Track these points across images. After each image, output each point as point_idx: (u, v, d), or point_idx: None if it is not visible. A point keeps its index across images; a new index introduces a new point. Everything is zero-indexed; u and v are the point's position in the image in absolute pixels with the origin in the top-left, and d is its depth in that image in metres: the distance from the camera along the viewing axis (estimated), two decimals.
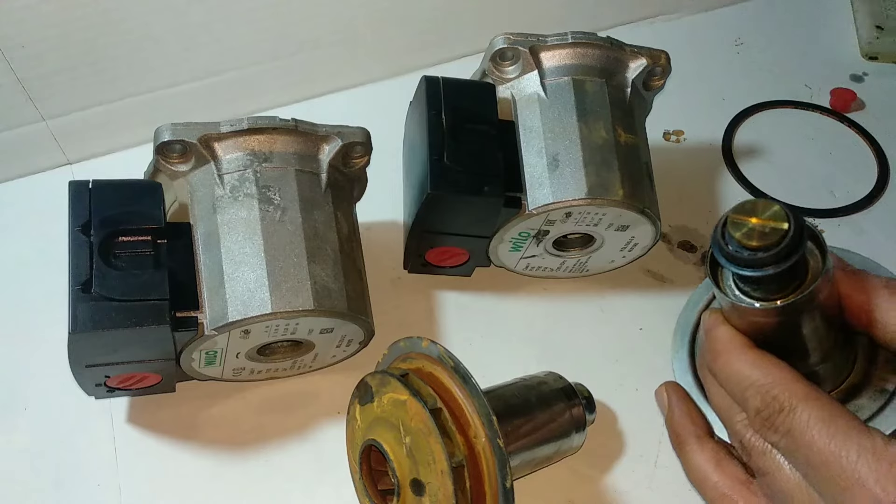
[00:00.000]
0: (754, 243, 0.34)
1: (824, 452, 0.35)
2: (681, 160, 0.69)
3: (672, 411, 0.44)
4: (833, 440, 0.35)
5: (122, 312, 0.46)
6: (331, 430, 0.55)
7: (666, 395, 0.45)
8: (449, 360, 0.46)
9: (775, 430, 0.36)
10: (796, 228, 0.35)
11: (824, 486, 0.35)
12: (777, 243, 0.34)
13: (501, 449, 0.44)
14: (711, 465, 0.41)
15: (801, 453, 0.36)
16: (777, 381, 0.37)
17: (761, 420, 0.37)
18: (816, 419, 0.35)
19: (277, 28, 0.67)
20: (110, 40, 0.62)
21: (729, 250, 0.35)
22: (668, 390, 0.45)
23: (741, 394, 0.38)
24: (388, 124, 0.60)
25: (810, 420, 0.35)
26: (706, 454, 0.42)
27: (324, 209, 0.52)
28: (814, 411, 0.35)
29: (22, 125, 0.64)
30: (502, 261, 0.59)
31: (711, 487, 0.41)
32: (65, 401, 0.55)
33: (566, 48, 0.56)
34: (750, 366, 0.38)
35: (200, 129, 0.51)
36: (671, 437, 0.44)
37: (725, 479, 0.41)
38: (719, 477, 0.41)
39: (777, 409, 0.36)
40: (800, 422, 0.35)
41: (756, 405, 0.37)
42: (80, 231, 0.48)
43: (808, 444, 0.35)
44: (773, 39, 0.77)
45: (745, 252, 0.35)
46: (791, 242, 0.34)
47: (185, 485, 0.53)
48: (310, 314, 0.49)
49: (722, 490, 0.41)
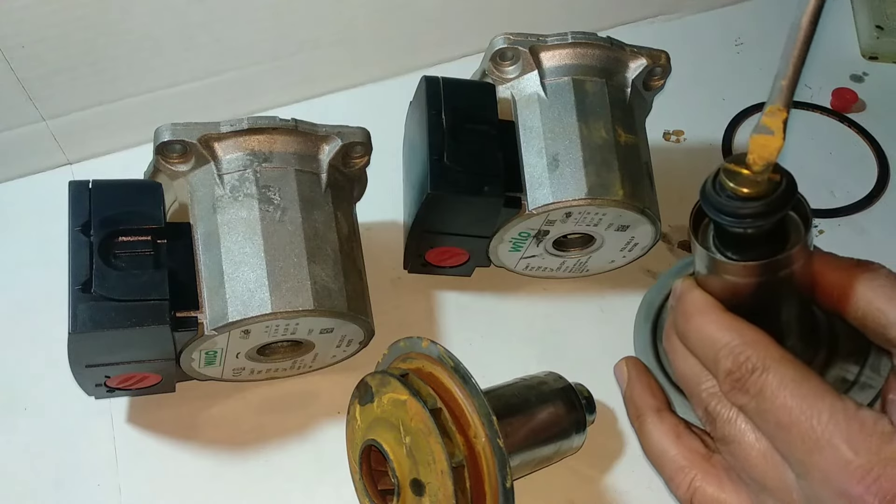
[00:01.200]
0: (745, 190, 0.34)
1: (795, 412, 0.34)
2: (681, 160, 0.69)
3: (632, 384, 0.43)
4: (805, 401, 0.34)
5: (122, 312, 0.46)
6: (331, 430, 0.55)
7: (626, 369, 0.44)
8: (449, 360, 0.46)
9: (746, 392, 0.35)
10: (788, 183, 0.34)
11: (792, 447, 0.34)
12: (768, 193, 0.34)
13: (501, 449, 0.44)
14: (671, 437, 0.41)
15: (770, 414, 0.35)
16: (751, 342, 0.36)
17: (732, 381, 0.36)
18: (790, 379, 0.35)
19: (277, 28, 0.67)
20: (110, 40, 0.62)
21: (718, 199, 0.34)
22: (628, 364, 0.44)
23: (713, 356, 0.37)
24: (388, 124, 0.60)
25: (783, 380, 0.35)
26: (665, 427, 0.41)
27: (324, 209, 0.52)
28: (787, 371, 0.35)
29: (22, 125, 0.64)
30: (502, 261, 0.59)
31: (670, 460, 0.40)
32: (65, 401, 0.55)
33: (566, 48, 0.56)
34: (724, 328, 0.37)
35: (200, 129, 0.51)
36: (629, 411, 0.43)
37: (685, 451, 0.40)
38: (678, 450, 0.40)
39: (749, 369, 0.35)
40: (772, 382, 0.35)
41: (727, 366, 0.36)
42: (80, 231, 0.48)
43: (780, 405, 0.34)
44: (773, 39, 0.77)
45: (735, 201, 0.34)
46: (783, 195, 0.34)
47: (185, 485, 0.53)
48: (310, 314, 0.49)
49: (680, 463, 0.40)
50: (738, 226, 0.35)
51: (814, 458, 0.33)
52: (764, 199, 0.34)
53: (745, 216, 0.34)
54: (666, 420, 0.41)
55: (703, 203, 0.36)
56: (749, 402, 0.36)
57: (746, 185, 0.34)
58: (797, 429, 0.34)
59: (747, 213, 0.34)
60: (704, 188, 0.36)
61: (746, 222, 0.34)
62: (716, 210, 0.35)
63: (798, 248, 0.36)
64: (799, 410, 0.34)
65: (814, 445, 0.33)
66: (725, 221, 0.35)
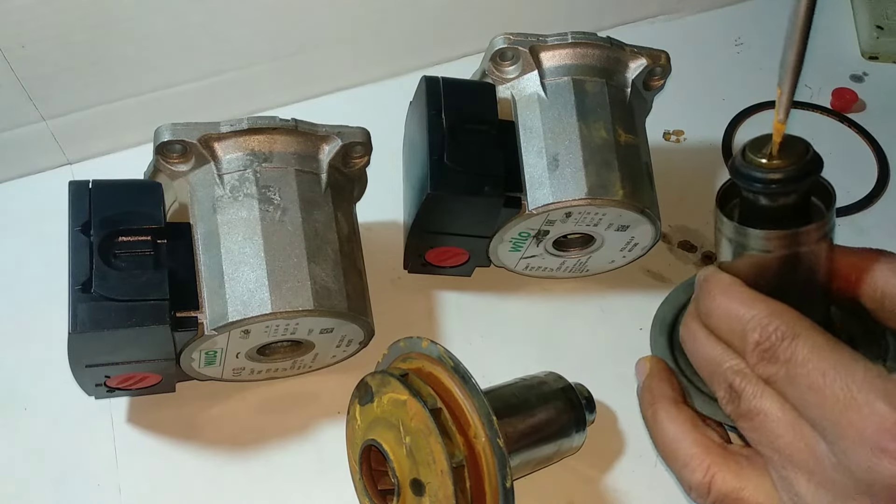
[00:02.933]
0: (775, 162, 0.35)
1: (829, 373, 0.33)
2: (681, 160, 0.69)
3: (652, 375, 0.43)
4: (838, 363, 0.33)
5: (122, 312, 0.46)
6: (331, 430, 0.55)
7: (648, 364, 0.43)
8: (449, 360, 0.46)
9: (776, 360, 0.35)
10: (814, 153, 0.35)
11: (825, 410, 0.33)
12: (798, 159, 0.35)
13: (501, 449, 0.44)
14: (687, 426, 0.40)
15: (802, 378, 0.34)
16: (778, 312, 0.36)
17: (760, 352, 0.35)
18: (821, 345, 0.34)
19: (277, 28, 0.67)
20: (110, 40, 0.62)
21: (749, 169, 0.35)
22: (652, 360, 0.44)
23: (740, 330, 0.36)
24: (388, 124, 0.60)
25: (815, 345, 0.34)
26: (681, 416, 0.40)
27: (324, 209, 0.52)
28: (819, 338, 0.34)
29: (22, 125, 0.64)
30: (502, 261, 0.59)
31: (685, 448, 0.39)
32: (65, 401, 0.55)
33: (566, 48, 0.56)
34: (750, 302, 0.37)
35: (200, 129, 0.51)
36: (643, 401, 0.42)
37: (701, 439, 0.39)
38: (695, 437, 0.39)
39: (780, 337, 0.35)
40: (804, 347, 0.34)
41: (756, 338, 0.35)
42: (80, 231, 0.48)
43: (813, 368, 0.34)
44: (773, 39, 0.77)
45: (764, 171, 0.35)
46: (812, 160, 0.35)
47: (185, 485, 0.53)
48: (310, 314, 0.49)
49: (696, 450, 0.39)
50: (770, 191, 0.35)
51: (849, 416, 0.33)
52: (794, 164, 0.35)
53: (778, 181, 0.35)
54: (683, 410, 0.41)
55: (735, 174, 0.36)
56: (779, 371, 0.35)
57: (776, 156, 0.35)
58: (831, 389, 0.33)
59: (780, 177, 0.35)
60: (734, 163, 0.36)
61: (779, 187, 0.35)
62: (748, 179, 0.35)
63: (821, 222, 0.36)
64: (834, 372, 0.33)
65: (849, 403, 0.33)
66: (757, 188, 0.35)
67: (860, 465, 0.32)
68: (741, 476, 0.38)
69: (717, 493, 0.38)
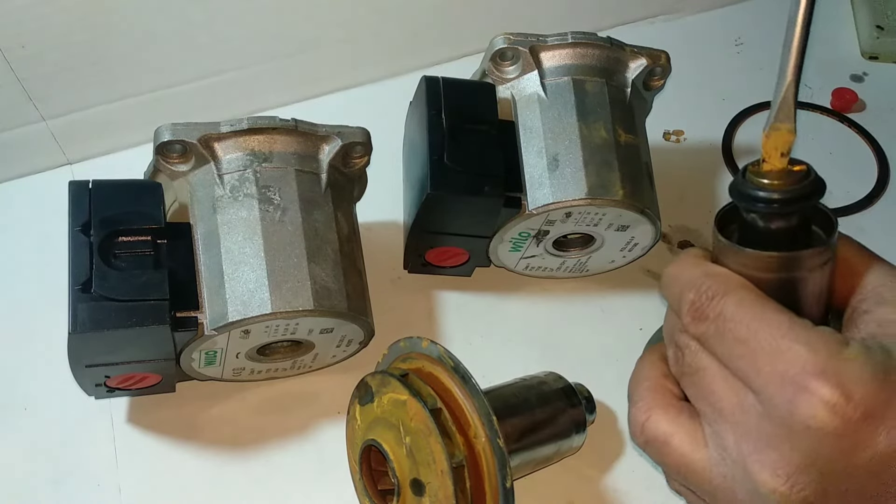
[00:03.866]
0: (776, 182, 0.35)
1: (753, 325, 0.34)
2: (681, 160, 0.69)
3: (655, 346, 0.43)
4: (764, 316, 0.34)
5: (122, 312, 0.46)
6: (331, 430, 0.55)
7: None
8: (449, 361, 0.46)
9: (705, 318, 0.35)
10: (815, 175, 0.35)
11: (751, 360, 0.34)
12: (801, 180, 0.34)
13: (501, 449, 0.44)
14: (655, 372, 0.40)
15: (729, 333, 0.34)
16: (713, 273, 0.36)
17: (693, 311, 0.36)
18: (749, 301, 0.35)
19: (278, 28, 0.67)
20: (110, 40, 0.62)
21: (751, 190, 0.35)
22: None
23: (679, 292, 0.37)
24: (388, 124, 0.60)
25: (742, 301, 0.35)
26: (657, 363, 0.41)
27: (324, 209, 0.52)
28: (747, 295, 0.35)
29: (22, 125, 0.64)
30: (502, 261, 0.59)
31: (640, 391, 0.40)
32: (65, 401, 0.55)
33: (566, 48, 0.56)
34: (691, 266, 0.37)
35: (200, 129, 0.51)
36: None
37: (659, 385, 0.40)
38: (654, 383, 0.40)
39: (710, 296, 0.35)
40: (730, 303, 0.35)
41: (690, 298, 0.36)
42: (80, 231, 0.48)
43: (739, 321, 0.34)
44: (773, 39, 0.76)
45: (766, 191, 0.35)
46: (814, 181, 0.35)
47: (185, 485, 0.53)
48: (310, 314, 0.49)
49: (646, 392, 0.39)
50: (772, 210, 0.35)
51: (772, 362, 0.33)
52: (797, 184, 0.35)
53: (780, 201, 0.35)
54: (661, 362, 0.41)
55: (735, 195, 0.36)
56: (709, 328, 0.35)
57: (776, 178, 0.35)
58: (756, 339, 0.34)
59: (782, 197, 0.35)
60: (735, 183, 0.36)
61: (781, 207, 0.35)
62: (749, 199, 0.35)
63: (820, 249, 0.36)
64: (758, 323, 0.34)
65: (773, 351, 0.33)
66: (759, 208, 0.35)
67: (782, 408, 0.33)
68: (675, 423, 0.38)
69: (648, 434, 0.39)
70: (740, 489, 0.35)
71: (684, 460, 0.37)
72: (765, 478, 0.34)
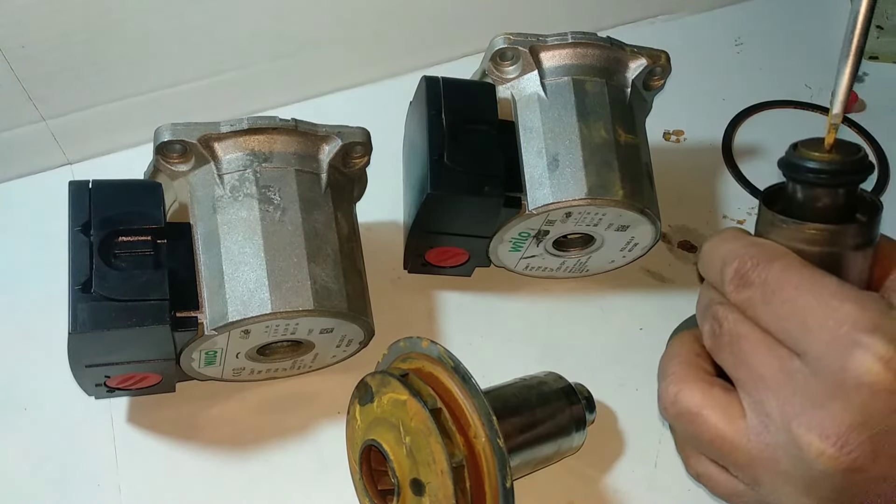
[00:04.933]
0: (829, 156, 0.36)
1: (802, 286, 0.34)
2: (681, 160, 0.69)
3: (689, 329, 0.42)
4: (812, 277, 0.34)
5: (122, 312, 0.46)
6: (331, 430, 0.55)
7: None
8: (449, 360, 0.46)
9: (750, 284, 0.35)
10: (864, 154, 0.36)
11: (798, 321, 0.34)
12: (850, 155, 0.35)
13: (501, 449, 0.44)
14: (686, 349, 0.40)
15: (776, 295, 0.34)
16: (755, 243, 0.36)
17: (737, 279, 0.36)
18: (796, 266, 0.35)
19: (277, 28, 0.67)
20: (110, 40, 0.62)
21: (804, 161, 0.36)
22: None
23: (721, 265, 0.37)
24: (388, 124, 0.60)
25: (789, 266, 0.35)
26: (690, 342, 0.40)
27: (324, 209, 0.52)
28: (792, 262, 0.35)
29: (22, 125, 0.64)
30: (502, 261, 0.59)
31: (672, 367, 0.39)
32: (65, 401, 0.55)
33: (566, 48, 0.56)
34: (733, 239, 0.37)
35: (200, 129, 0.51)
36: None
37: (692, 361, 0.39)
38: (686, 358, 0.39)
39: (755, 263, 0.35)
40: (777, 268, 0.35)
41: (734, 268, 0.36)
42: (80, 231, 0.48)
43: (786, 283, 0.34)
44: (773, 39, 0.77)
45: (817, 162, 0.36)
46: (862, 160, 0.35)
47: (185, 485, 0.53)
48: (310, 314, 0.49)
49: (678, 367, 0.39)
50: (821, 181, 0.36)
51: (823, 321, 0.33)
52: (851, 158, 0.36)
53: (829, 171, 0.35)
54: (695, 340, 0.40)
55: (785, 166, 0.37)
56: (754, 294, 0.35)
57: (827, 153, 0.36)
58: (804, 299, 0.33)
59: (833, 168, 0.35)
60: (785, 157, 0.37)
61: (829, 178, 0.35)
62: (800, 169, 0.36)
63: (861, 228, 0.36)
64: (807, 284, 0.34)
65: (823, 310, 0.33)
66: (809, 178, 0.36)
67: (833, 365, 0.32)
68: (708, 395, 0.37)
69: (681, 406, 0.38)
70: (784, 456, 0.34)
71: (719, 432, 0.37)
72: (812, 439, 0.33)
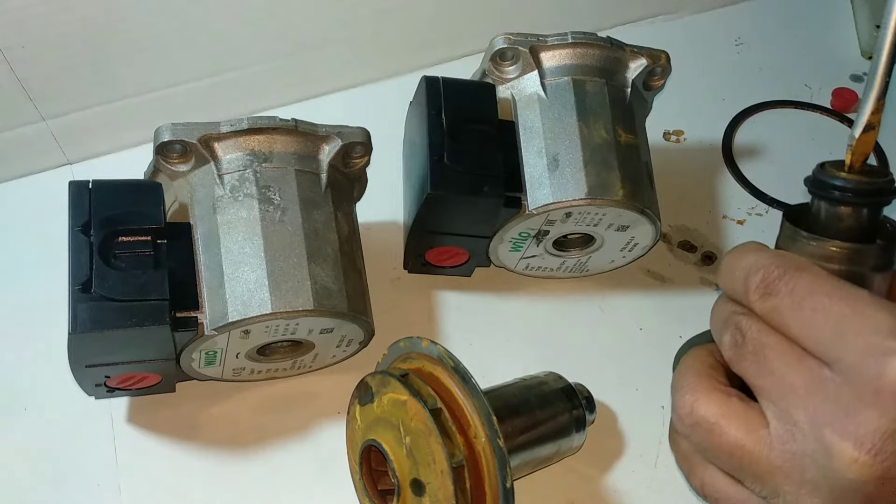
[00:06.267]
0: (853, 176, 0.36)
1: (833, 295, 0.33)
2: (681, 160, 0.69)
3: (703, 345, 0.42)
4: (842, 287, 0.34)
5: (122, 312, 0.46)
6: (331, 430, 0.55)
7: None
8: (449, 360, 0.46)
9: (777, 293, 0.35)
10: (892, 177, 0.36)
11: (829, 328, 0.33)
12: (877, 177, 0.36)
13: (501, 449, 0.44)
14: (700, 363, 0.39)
15: (806, 303, 0.34)
16: (780, 255, 0.36)
17: (763, 288, 0.35)
18: (823, 277, 0.34)
19: (277, 28, 0.67)
20: (110, 40, 0.62)
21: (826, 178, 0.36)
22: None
23: (744, 277, 0.36)
24: (388, 124, 0.60)
25: (816, 278, 0.34)
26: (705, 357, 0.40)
27: (324, 209, 0.52)
28: (820, 272, 0.35)
29: (22, 125, 0.64)
30: (502, 261, 0.59)
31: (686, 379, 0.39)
32: (65, 401, 0.55)
33: (566, 48, 0.56)
34: (755, 251, 0.37)
35: (200, 129, 0.51)
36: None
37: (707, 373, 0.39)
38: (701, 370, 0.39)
39: (781, 273, 0.35)
40: (804, 278, 0.34)
41: (759, 278, 0.36)
42: (80, 231, 0.48)
43: (816, 291, 0.34)
44: (773, 39, 0.77)
45: (843, 181, 0.36)
46: (889, 182, 0.36)
47: (185, 485, 0.53)
48: (310, 314, 0.49)
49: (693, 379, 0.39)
50: (847, 200, 0.36)
51: (857, 329, 0.32)
52: (880, 176, 0.36)
53: (854, 190, 0.36)
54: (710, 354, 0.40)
55: (812, 183, 0.37)
56: (782, 301, 0.35)
57: (853, 173, 0.36)
58: (837, 306, 0.33)
59: (857, 187, 0.36)
60: (812, 175, 0.37)
61: (855, 197, 0.36)
62: (827, 186, 0.36)
63: (881, 249, 0.36)
64: (838, 293, 0.33)
65: (854, 317, 0.33)
66: (835, 196, 0.36)
67: (869, 373, 0.32)
68: (725, 405, 0.37)
69: (697, 415, 0.38)
70: (811, 465, 0.34)
71: (738, 441, 0.36)
72: (846, 447, 0.32)
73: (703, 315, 0.61)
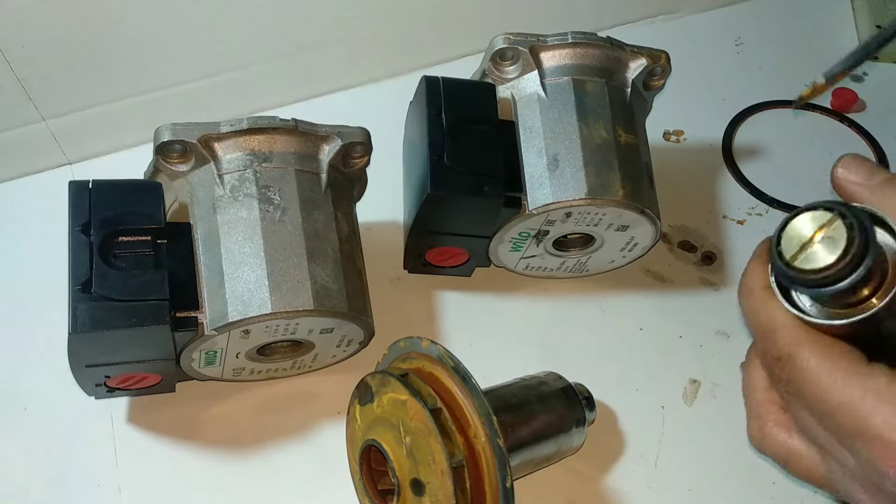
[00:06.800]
0: (820, 265, 0.32)
1: (827, 400, 0.34)
2: (681, 160, 0.69)
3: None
4: (834, 386, 0.33)
5: (122, 312, 0.46)
6: (331, 430, 0.55)
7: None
8: (449, 360, 0.46)
9: (779, 378, 0.36)
10: (859, 226, 0.32)
11: (834, 431, 0.34)
12: (845, 254, 0.31)
13: (501, 449, 0.44)
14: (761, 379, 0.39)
15: (805, 400, 0.35)
16: (778, 323, 0.36)
17: (769, 362, 0.36)
18: (815, 365, 0.34)
19: (277, 28, 0.67)
20: (110, 40, 0.62)
21: (796, 276, 0.33)
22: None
23: (756, 337, 0.37)
24: (388, 124, 0.60)
25: (808, 367, 0.34)
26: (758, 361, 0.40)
27: (324, 209, 0.52)
28: (812, 358, 0.34)
29: (22, 125, 0.64)
30: (502, 261, 0.59)
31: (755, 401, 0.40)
32: (65, 401, 0.55)
33: (566, 48, 0.56)
34: (758, 306, 0.36)
35: (200, 129, 0.51)
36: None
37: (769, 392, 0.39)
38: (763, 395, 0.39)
39: (776, 355, 0.35)
40: (799, 370, 0.34)
41: (763, 347, 0.36)
42: (80, 231, 0.48)
43: (810, 393, 0.34)
44: (773, 39, 0.77)
45: (814, 274, 0.32)
46: (860, 242, 0.31)
47: (185, 485, 0.53)
48: (310, 314, 0.49)
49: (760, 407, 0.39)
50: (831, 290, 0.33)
51: (856, 442, 0.33)
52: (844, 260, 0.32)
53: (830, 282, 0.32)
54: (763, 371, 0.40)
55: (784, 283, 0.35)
56: (785, 387, 0.36)
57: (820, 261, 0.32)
58: (832, 418, 0.34)
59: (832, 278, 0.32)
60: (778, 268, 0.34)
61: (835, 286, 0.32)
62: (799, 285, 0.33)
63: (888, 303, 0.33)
64: (831, 397, 0.34)
65: (854, 430, 0.33)
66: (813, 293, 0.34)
67: (871, 465, 0.33)
68: (787, 445, 0.38)
69: (768, 451, 0.39)
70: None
71: (810, 476, 0.38)
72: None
73: (703, 315, 0.61)
